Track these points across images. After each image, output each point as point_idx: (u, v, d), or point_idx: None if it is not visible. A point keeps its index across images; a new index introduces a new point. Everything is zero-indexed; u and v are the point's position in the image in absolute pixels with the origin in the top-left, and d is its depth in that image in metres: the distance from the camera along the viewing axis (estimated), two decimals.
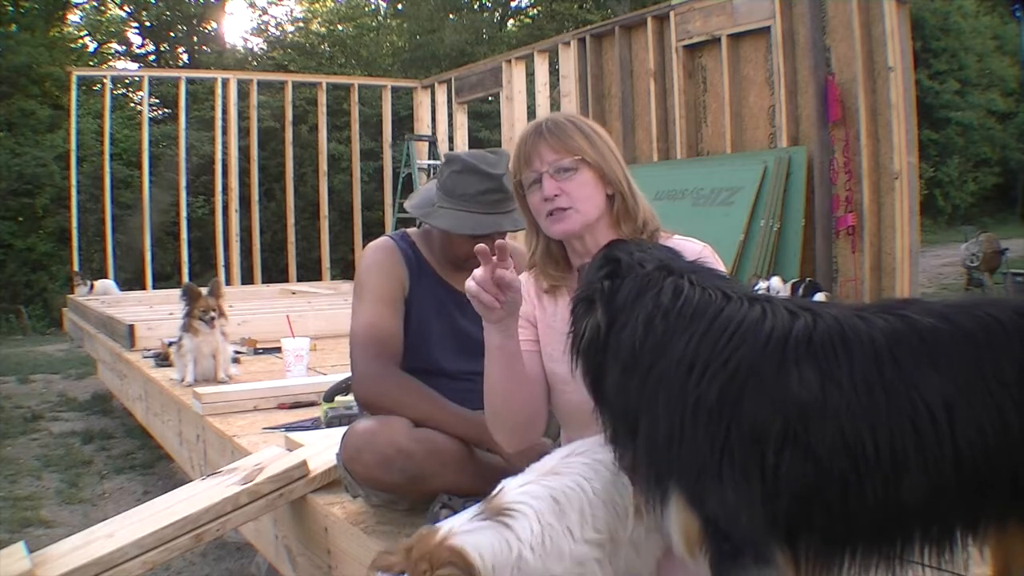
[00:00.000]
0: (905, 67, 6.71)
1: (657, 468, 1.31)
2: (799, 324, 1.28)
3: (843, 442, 1.21)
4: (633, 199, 1.80)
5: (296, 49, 21.05)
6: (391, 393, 2.18)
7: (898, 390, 1.22)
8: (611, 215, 1.79)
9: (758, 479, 1.23)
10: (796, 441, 1.22)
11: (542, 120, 1.82)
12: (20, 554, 2.29)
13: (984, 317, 1.25)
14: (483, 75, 10.75)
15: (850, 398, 1.22)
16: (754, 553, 1.23)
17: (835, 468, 1.21)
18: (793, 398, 1.23)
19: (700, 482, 1.25)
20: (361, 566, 2.12)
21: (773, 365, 1.25)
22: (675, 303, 1.35)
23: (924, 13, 20.59)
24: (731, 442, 1.24)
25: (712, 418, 1.25)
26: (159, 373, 4.68)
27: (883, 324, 1.27)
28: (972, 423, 1.20)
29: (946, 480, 1.20)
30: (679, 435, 1.27)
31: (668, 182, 7.69)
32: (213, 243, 12.08)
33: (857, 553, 1.26)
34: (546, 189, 1.74)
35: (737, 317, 1.30)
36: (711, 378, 1.26)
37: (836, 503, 1.22)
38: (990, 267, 11.77)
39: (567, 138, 1.76)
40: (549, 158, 1.75)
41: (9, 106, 15.18)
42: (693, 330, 1.31)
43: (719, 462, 1.24)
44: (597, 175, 1.76)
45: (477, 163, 2.24)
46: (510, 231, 2.25)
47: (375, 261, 2.36)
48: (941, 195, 22.45)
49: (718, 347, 1.28)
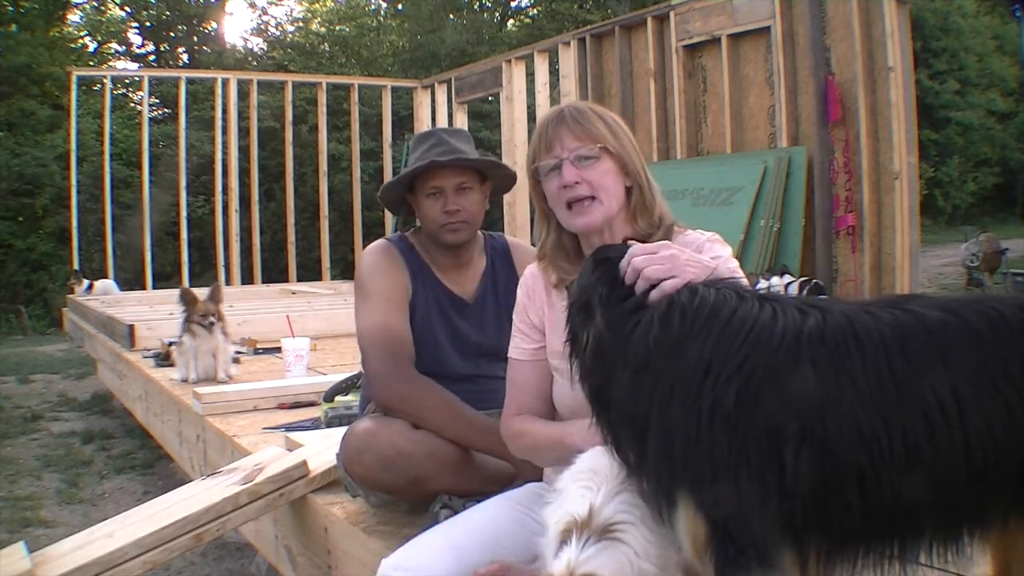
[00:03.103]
0: (905, 67, 6.70)
1: (669, 473, 1.29)
2: (810, 322, 1.28)
3: (859, 438, 1.21)
4: (651, 193, 1.77)
5: (296, 49, 21.07)
6: (414, 397, 2.17)
7: (909, 384, 1.22)
8: (628, 209, 1.76)
9: (775, 480, 1.22)
10: (813, 439, 1.22)
11: (564, 107, 1.78)
12: (20, 554, 2.29)
13: (989, 311, 1.25)
14: (483, 75, 10.75)
15: (864, 394, 1.22)
16: (760, 556, 1.23)
17: (852, 464, 1.21)
18: (810, 397, 1.23)
19: (712, 486, 1.24)
20: (361, 566, 2.12)
21: (788, 365, 1.25)
22: (692, 301, 1.34)
23: (924, 13, 20.59)
24: (747, 445, 1.23)
25: (729, 422, 1.24)
26: (159, 373, 4.68)
27: (890, 319, 1.27)
28: (980, 417, 1.20)
29: (956, 474, 1.20)
30: (694, 439, 1.25)
31: (668, 182, 7.65)
32: (213, 243, 12.08)
33: (869, 550, 1.26)
34: (566, 176, 1.70)
35: (751, 317, 1.30)
36: (727, 381, 1.25)
37: (854, 499, 1.22)
38: (990, 267, 11.78)
39: (590, 126, 1.72)
40: (571, 145, 1.71)
41: (9, 106, 15.19)
42: (709, 330, 1.30)
43: (735, 465, 1.23)
44: (618, 165, 1.73)
45: (430, 132, 2.39)
46: (474, 159, 2.30)
47: (377, 263, 2.35)
48: (941, 195, 22.45)
49: (733, 348, 1.27)
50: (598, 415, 1.43)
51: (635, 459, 1.37)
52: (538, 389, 1.83)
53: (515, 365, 1.88)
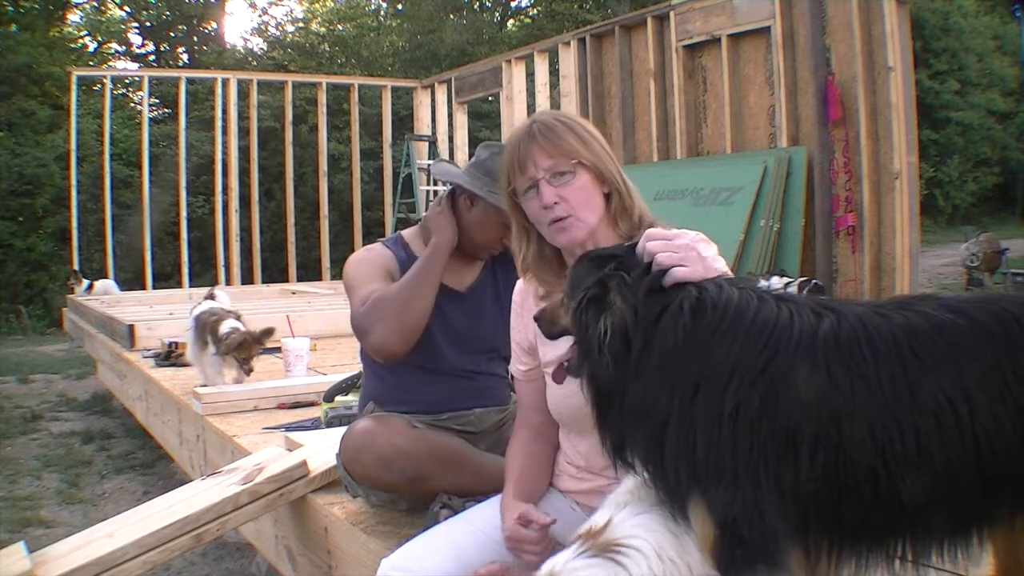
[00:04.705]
0: (905, 67, 6.70)
1: (687, 473, 1.28)
2: (825, 325, 1.28)
3: (872, 439, 1.22)
4: (629, 196, 1.75)
5: (296, 49, 21.07)
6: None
7: (921, 386, 1.23)
8: (609, 215, 1.75)
9: (790, 482, 1.23)
10: (828, 441, 1.23)
11: (531, 122, 1.75)
12: (20, 554, 2.29)
13: (999, 311, 1.26)
14: (483, 75, 10.75)
15: (877, 396, 1.23)
16: (766, 557, 1.23)
17: (865, 465, 1.22)
18: (825, 400, 1.23)
19: (729, 488, 1.25)
20: (361, 566, 2.12)
21: (805, 368, 1.25)
22: (720, 297, 1.33)
23: (924, 13, 20.58)
24: (766, 447, 1.24)
25: (752, 426, 1.24)
26: (159, 373, 4.68)
27: (902, 321, 1.27)
28: (991, 417, 1.21)
29: (967, 474, 1.21)
30: (716, 441, 1.25)
31: (668, 182, 7.69)
32: (213, 243, 12.07)
33: (880, 550, 1.26)
34: (545, 197, 1.67)
35: (772, 319, 1.30)
36: (751, 385, 1.25)
37: (867, 500, 1.23)
38: (990, 267, 11.77)
39: (560, 141, 1.69)
40: (544, 164, 1.67)
41: (9, 106, 15.19)
42: (736, 331, 1.29)
43: (755, 468, 1.24)
44: (594, 176, 1.71)
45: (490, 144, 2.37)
46: None
47: (356, 260, 2.35)
48: (941, 195, 22.44)
49: (756, 351, 1.27)
50: (603, 415, 1.41)
51: (644, 459, 1.35)
52: (535, 403, 1.87)
53: (516, 381, 1.95)
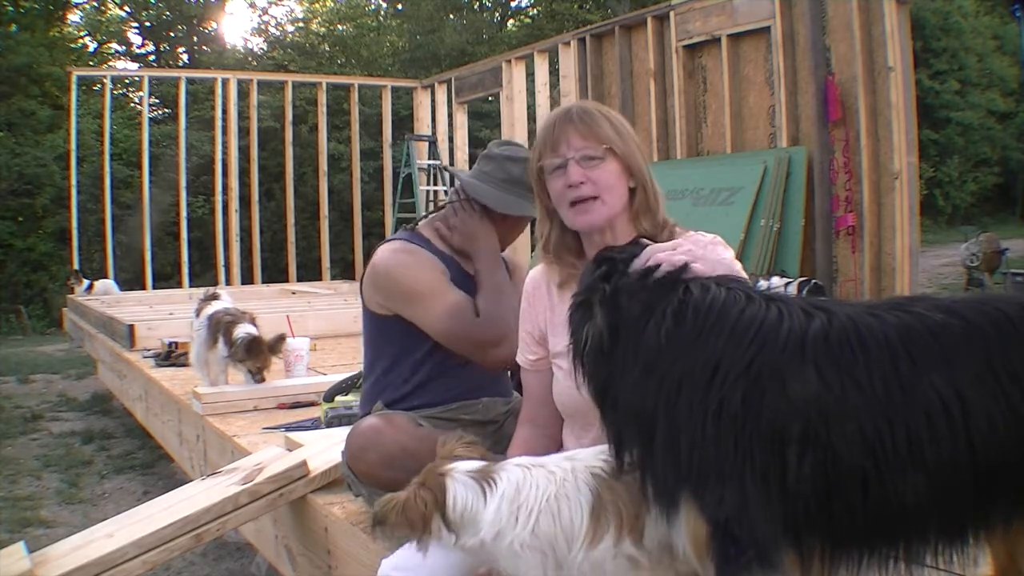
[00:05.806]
0: (905, 67, 6.69)
1: (674, 473, 1.29)
2: (815, 324, 1.28)
3: (863, 440, 1.21)
4: (654, 196, 1.79)
5: (296, 49, 21.06)
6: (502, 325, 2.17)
7: (913, 386, 1.22)
8: (631, 210, 1.77)
9: (777, 481, 1.23)
10: (817, 441, 1.22)
11: (571, 106, 1.80)
12: (20, 554, 2.29)
13: (992, 312, 1.26)
14: (483, 75, 10.74)
15: (868, 396, 1.22)
16: (759, 556, 1.23)
17: (856, 466, 1.22)
18: (814, 399, 1.23)
19: (716, 487, 1.25)
20: (361, 566, 2.12)
21: (793, 367, 1.25)
22: (704, 298, 1.34)
23: (924, 13, 20.58)
24: (752, 446, 1.24)
25: (735, 423, 1.24)
26: (159, 373, 4.68)
27: (895, 321, 1.27)
28: (984, 417, 1.20)
29: (960, 475, 1.21)
30: (700, 439, 1.26)
31: (668, 182, 7.65)
32: (213, 243, 12.07)
33: (873, 551, 1.26)
34: (572, 175, 1.71)
35: (759, 318, 1.30)
36: (735, 382, 1.26)
37: (857, 501, 1.22)
38: (990, 267, 11.76)
39: (596, 126, 1.73)
40: (577, 144, 1.72)
41: (9, 106, 15.19)
42: (720, 329, 1.30)
43: (739, 467, 1.24)
44: (623, 166, 1.74)
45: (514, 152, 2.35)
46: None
47: (414, 262, 2.29)
48: (941, 195, 22.45)
49: (741, 349, 1.27)
50: (603, 413, 1.43)
51: (638, 458, 1.36)
52: (542, 395, 1.88)
53: (522, 371, 1.94)
